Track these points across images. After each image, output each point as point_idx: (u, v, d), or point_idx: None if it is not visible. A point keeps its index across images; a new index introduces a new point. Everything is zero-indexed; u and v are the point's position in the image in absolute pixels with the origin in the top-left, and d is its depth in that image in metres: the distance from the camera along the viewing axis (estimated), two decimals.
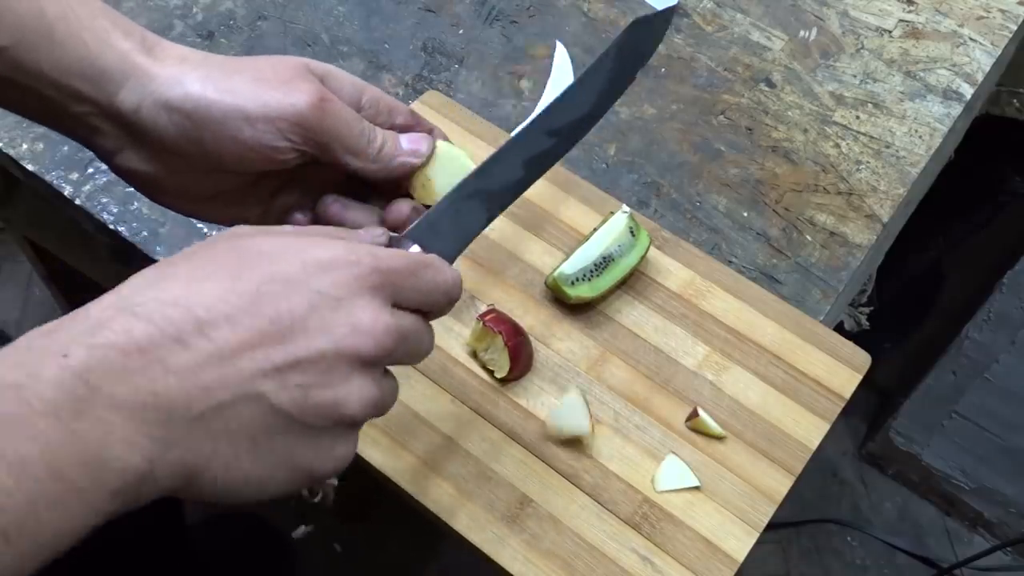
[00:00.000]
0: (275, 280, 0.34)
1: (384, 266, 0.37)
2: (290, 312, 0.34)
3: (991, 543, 1.50)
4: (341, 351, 0.34)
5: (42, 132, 0.75)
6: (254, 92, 0.42)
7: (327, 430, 0.35)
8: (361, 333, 0.35)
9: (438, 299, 0.40)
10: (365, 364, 0.35)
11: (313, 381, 0.34)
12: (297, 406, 0.34)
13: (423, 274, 0.39)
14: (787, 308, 0.66)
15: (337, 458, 0.36)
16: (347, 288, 0.35)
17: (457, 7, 0.87)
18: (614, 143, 0.78)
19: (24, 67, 0.41)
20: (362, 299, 0.35)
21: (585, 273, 0.63)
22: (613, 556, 0.55)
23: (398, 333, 0.36)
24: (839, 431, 1.68)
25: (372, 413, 0.36)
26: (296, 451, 0.35)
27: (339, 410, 0.35)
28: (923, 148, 0.80)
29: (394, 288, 0.37)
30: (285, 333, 0.34)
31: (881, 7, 0.89)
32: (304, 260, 0.35)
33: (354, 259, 0.36)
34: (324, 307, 0.35)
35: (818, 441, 0.60)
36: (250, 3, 0.85)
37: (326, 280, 0.35)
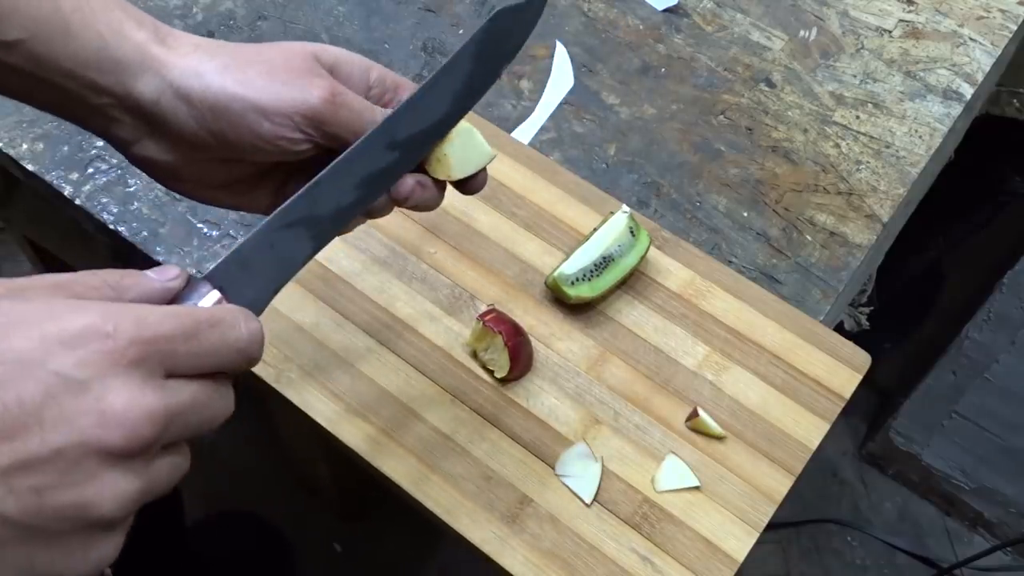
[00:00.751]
0: (4, 361, 0.29)
1: (148, 335, 0.31)
2: (18, 402, 0.28)
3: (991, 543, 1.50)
4: (85, 445, 0.29)
5: (42, 132, 0.75)
6: (269, 86, 0.42)
7: (76, 534, 0.30)
8: (111, 423, 0.29)
9: (228, 360, 0.34)
10: (118, 457, 0.30)
11: (50, 482, 0.29)
12: (30, 513, 0.28)
13: (207, 335, 0.33)
14: (787, 308, 0.66)
15: (93, 561, 0.31)
16: (95, 366, 0.30)
17: (457, 7, 0.87)
18: (614, 143, 0.78)
19: (41, 60, 0.41)
20: (116, 379, 0.30)
21: (585, 273, 0.63)
22: (613, 556, 0.55)
23: (164, 415, 0.31)
24: (839, 431, 1.68)
25: (133, 508, 0.31)
26: (37, 560, 0.29)
27: (86, 512, 0.29)
28: (923, 148, 0.80)
29: (163, 357, 0.31)
30: (13, 428, 0.28)
31: (881, 7, 0.89)
32: (44, 334, 0.29)
33: (109, 329, 0.30)
34: (64, 393, 0.29)
35: (818, 441, 0.60)
36: (250, 3, 0.85)
37: (69, 358, 0.29)
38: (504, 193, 0.70)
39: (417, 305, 0.64)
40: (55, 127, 0.75)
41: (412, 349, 0.63)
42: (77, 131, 0.75)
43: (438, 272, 0.66)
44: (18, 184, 0.77)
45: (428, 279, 0.66)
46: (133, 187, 0.72)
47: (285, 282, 0.40)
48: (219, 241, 0.69)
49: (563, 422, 0.60)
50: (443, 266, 0.66)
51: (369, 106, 0.45)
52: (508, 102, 0.80)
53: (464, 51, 0.45)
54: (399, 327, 0.63)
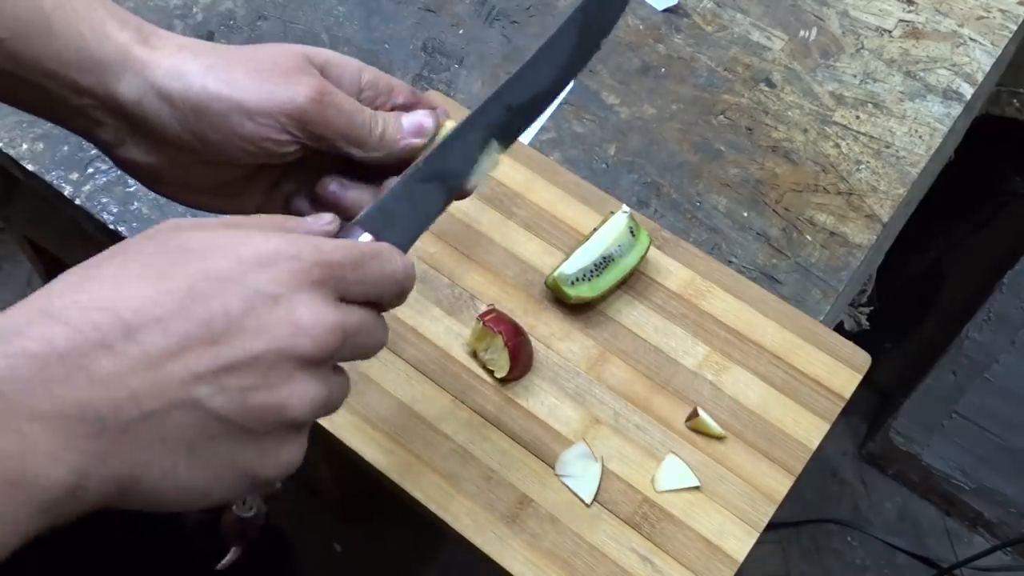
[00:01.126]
0: (208, 278, 0.32)
1: (327, 258, 0.35)
2: (224, 312, 0.32)
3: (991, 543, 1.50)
4: (281, 351, 0.32)
5: (42, 132, 0.75)
6: (254, 85, 0.42)
7: (271, 433, 0.33)
8: (302, 332, 0.33)
9: (388, 290, 0.38)
10: (308, 364, 0.33)
11: (252, 384, 0.32)
12: (236, 410, 0.32)
13: (370, 265, 0.37)
14: (787, 308, 0.66)
15: (283, 462, 0.34)
16: (286, 284, 0.33)
17: (457, 7, 0.87)
18: (614, 143, 0.78)
19: (22, 59, 0.40)
20: (303, 295, 0.33)
21: (585, 273, 0.63)
22: (613, 556, 0.55)
23: (343, 330, 0.34)
24: (839, 431, 1.68)
25: (319, 413, 0.35)
26: (238, 456, 0.33)
27: (282, 413, 0.33)
28: (923, 148, 0.80)
29: (338, 281, 0.35)
30: (219, 335, 0.32)
31: (881, 7, 0.89)
32: (240, 255, 0.33)
33: (294, 252, 0.34)
34: (261, 305, 0.32)
35: (818, 441, 0.60)
36: (250, 3, 0.85)
37: (263, 276, 0.33)
38: (504, 193, 0.70)
39: (417, 305, 0.64)
40: (55, 127, 0.75)
41: (412, 349, 0.63)
42: None
43: (438, 272, 0.66)
44: (18, 184, 0.77)
45: (428, 279, 0.66)
46: (133, 187, 0.72)
47: (422, 231, 0.43)
48: None
49: (563, 422, 0.60)
50: (443, 266, 0.66)
51: (359, 107, 0.44)
52: None
53: (567, 24, 0.48)
54: (399, 327, 0.63)
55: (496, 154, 0.47)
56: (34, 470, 0.28)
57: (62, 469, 0.29)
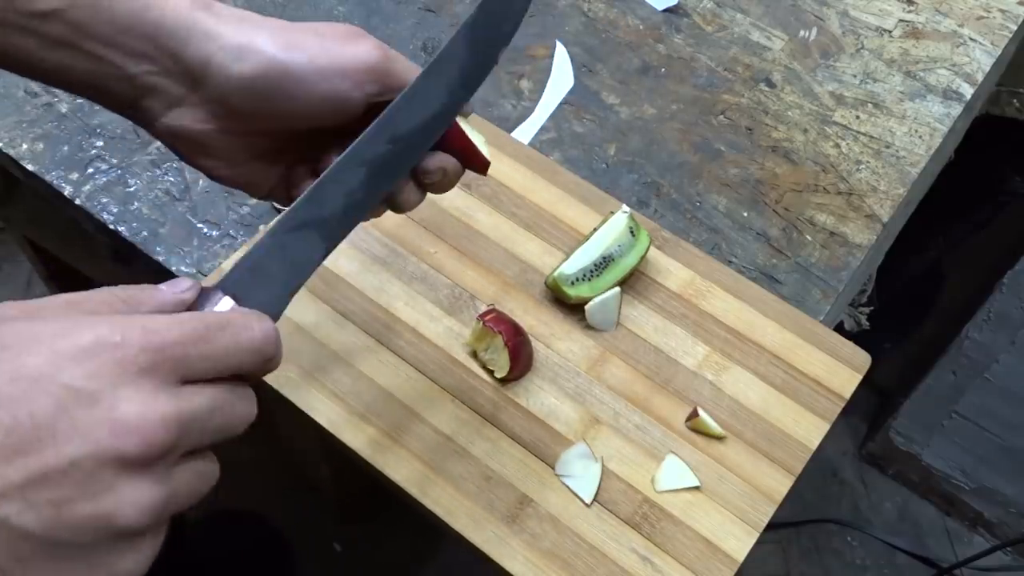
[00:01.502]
0: (15, 379, 0.29)
1: (157, 342, 0.31)
2: (31, 417, 0.29)
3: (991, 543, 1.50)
4: (101, 456, 0.29)
5: (42, 132, 0.75)
6: (323, 47, 0.43)
7: (100, 545, 0.30)
8: (125, 431, 0.29)
9: (244, 362, 0.34)
10: (137, 465, 0.30)
11: (68, 495, 0.29)
12: (51, 527, 0.28)
13: (218, 339, 0.33)
14: (787, 308, 0.66)
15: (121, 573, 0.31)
16: (107, 378, 0.30)
17: (457, 7, 0.87)
18: (614, 143, 0.78)
19: (80, 27, 0.40)
20: (128, 388, 0.30)
21: (585, 273, 0.63)
22: (613, 556, 0.55)
23: (179, 421, 0.31)
24: (839, 431, 1.68)
25: (160, 516, 0.31)
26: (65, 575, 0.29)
27: (109, 523, 0.29)
28: (923, 148, 0.80)
29: (177, 363, 0.32)
30: (27, 443, 0.28)
31: (881, 7, 0.89)
32: (54, 350, 0.30)
33: (117, 339, 0.31)
34: (76, 405, 0.29)
35: (818, 441, 0.60)
36: (250, 3, 0.85)
37: (79, 371, 0.30)
38: (504, 193, 0.70)
39: (417, 305, 0.64)
40: (55, 127, 0.75)
41: (412, 349, 0.63)
42: (77, 131, 0.75)
43: (438, 272, 0.66)
44: (18, 184, 0.77)
45: (428, 279, 0.66)
46: (133, 187, 0.72)
47: (300, 285, 0.40)
48: (219, 241, 0.69)
49: (563, 422, 0.60)
50: (443, 266, 0.66)
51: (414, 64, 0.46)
52: (508, 102, 0.80)
53: (456, 39, 0.45)
54: (399, 327, 0.63)
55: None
56: None
57: None
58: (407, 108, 0.44)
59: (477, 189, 0.70)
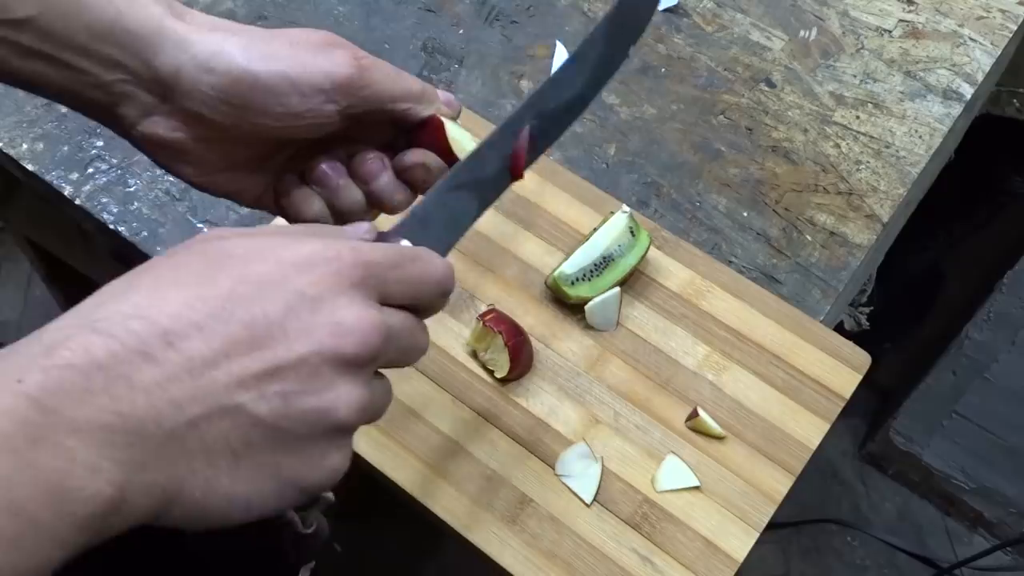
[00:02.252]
0: (247, 282, 0.32)
1: (366, 259, 0.34)
2: (265, 316, 0.32)
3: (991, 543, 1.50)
4: (324, 354, 0.32)
5: (42, 132, 0.75)
6: (296, 58, 0.42)
7: (315, 439, 0.33)
8: (344, 333, 0.32)
9: (429, 292, 0.37)
10: (352, 366, 0.33)
11: (295, 388, 0.32)
12: (279, 416, 0.31)
13: (410, 267, 0.36)
14: (787, 308, 0.66)
15: (329, 469, 0.33)
16: (327, 286, 0.33)
17: (457, 7, 0.87)
18: (614, 143, 0.78)
19: (53, 35, 0.40)
20: (344, 296, 0.33)
21: (585, 273, 0.63)
22: (613, 556, 0.55)
23: (386, 331, 0.34)
24: (839, 431, 1.68)
25: (363, 418, 0.34)
26: (283, 464, 0.32)
27: (326, 417, 0.32)
28: (923, 148, 0.80)
29: (379, 282, 0.35)
30: (261, 339, 0.31)
31: (881, 7, 0.89)
32: (279, 259, 0.33)
33: (333, 254, 0.34)
34: (302, 308, 0.32)
35: (818, 441, 0.60)
36: (250, 3, 0.85)
37: (303, 279, 0.33)
38: (504, 193, 0.70)
39: None
40: (55, 127, 0.75)
41: None
42: (77, 131, 0.75)
43: None
44: (18, 184, 0.77)
45: None
46: (133, 187, 0.72)
47: (458, 238, 0.44)
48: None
49: (563, 422, 0.60)
50: None
51: (393, 67, 0.45)
52: (508, 102, 0.80)
53: (597, 31, 0.48)
54: None
55: None
56: (74, 484, 0.27)
57: (102, 483, 0.28)
58: (552, 90, 0.48)
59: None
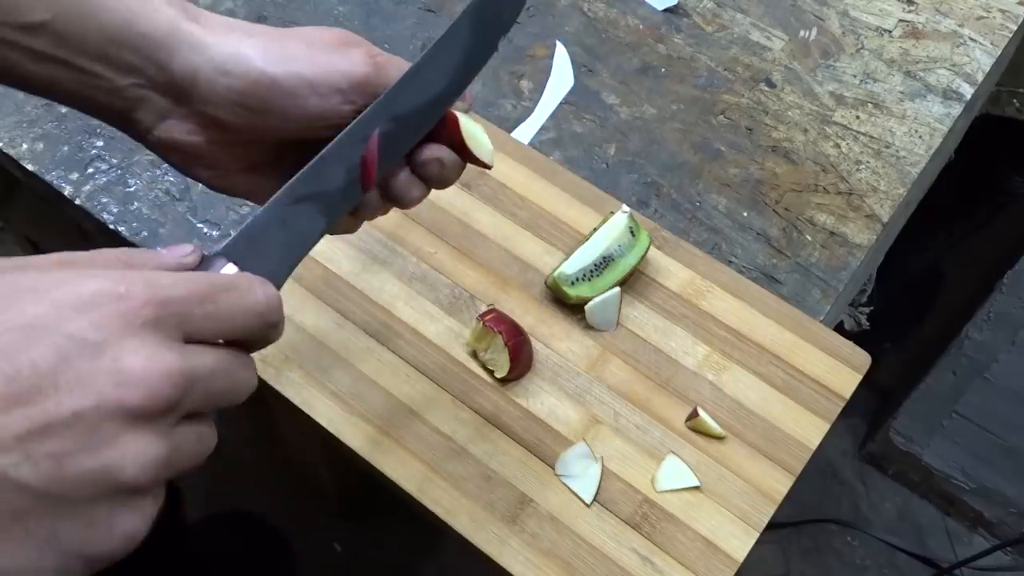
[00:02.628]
0: (14, 328, 0.28)
1: (163, 296, 0.30)
2: (32, 366, 0.28)
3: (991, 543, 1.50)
4: (104, 407, 0.28)
5: (42, 132, 0.75)
6: (312, 59, 0.42)
7: (100, 503, 0.29)
8: (129, 383, 0.29)
9: (247, 325, 0.34)
10: (140, 418, 0.29)
11: (69, 448, 0.28)
12: (51, 481, 0.28)
13: (222, 299, 0.33)
14: (787, 308, 0.66)
15: (120, 535, 0.30)
16: (111, 328, 0.29)
17: (457, 7, 0.87)
18: (614, 143, 0.78)
19: (67, 40, 0.39)
20: (133, 339, 0.29)
21: (585, 273, 0.63)
22: (613, 556, 0.55)
23: (185, 376, 0.30)
24: (839, 431, 1.68)
25: (161, 474, 0.30)
26: (61, 532, 0.28)
27: (110, 477, 0.29)
28: (923, 148, 0.80)
29: (181, 320, 0.31)
30: (26, 394, 0.28)
31: (881, 7, 0.89)
32: (56, 299, 0.29)
33: (122, 291, 0.30)
34: (78, 356, 0.28)
35: (818, 441, 0.60)
36: (250, 3, 0.85)
37: (82, 321, 0.29)
38: (504, 193, 0.70)
39: (417, 305, 0.64)
40: (55, 127, 0.75)
41: (412, 349, 0.63)
42: (77, 131, 0.75)
43: (438, 272, 0.66)
44: (18, 184, 0.77)
45: (428, 279, 0.66)
46: (133, 187, 0.72)
47: (300, 259, 0.40)
48: (219, 241, 0.69)
49: (563, 422, 0.60)
50: (443, 266, 0.66)
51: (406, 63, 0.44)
52: (508, 102, 0.80)
53: (458, 24, 0.45)
54: (399, 327, 0.63)
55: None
56: None
57: None
58: (408, 89, 0.44)
59: (477, 189, 0.70)
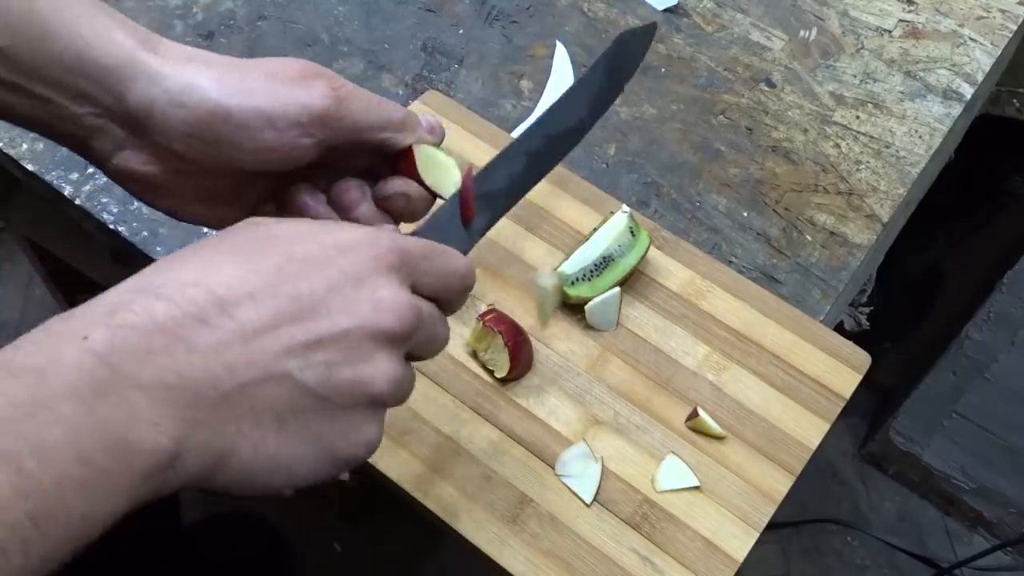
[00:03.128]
0: (294, 260, 0.35)
1: (403, 246, 0.37)
2: (311, 291, 0.34)
3: (991, 543, 1.50)
4: (364, 328, 0.35)
5: None
6: (271, 92, 0.42)
7: (354, 409, 0.35)
8: (383, 310, 0.35)
9: (453, 284, 0.40)
10: (388, 341, 0.36)
11: (338, 359, 0.34)
12: (323, 384, 0.34)
13: (439, 260, 0.39)
14: (787, 308, 0.66)
15: (364, 440, 0.36)
16: (367, 267, 0.36)
17: (457, 7, 0.87)
18: (614, 143, 0.78)
19: (22, 65, 0.40)
20: (382, 278, 0.36)
21: (585, 273, 0.63)
22: (613, 556, 0.55)
23: (418, 312, 0.37)
24: (839, 431, 1.68)
25: (396, 393, 0.37)
26: (324, 431, 0.35)
27: (365, 388, 0.35)
28: (923, 148, 0.80)
29: (412, 270, 0.38)
30: (307, 312, 0.34)
31: (881, 7, 0.89)
32: (323, 242, 0.36)
33: (372, 239, 0.37)
34: (345, 286, 0.35)
35: (818, 441, 0.60)
36: (250, 3, 0.85)
37: (346, 260, 0.35)
38: None
39: None
40: None
41: None
42: None
43: None
44: (18, 184, 0.77)
45: None
46: None
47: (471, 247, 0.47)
48: None
49: (563, 422, 0.60)
50: None
51: (374, 95, 0.44)
52: (508, 102, 0.80)
53: (595, 68, 0.53)
54: None
55: None
56: (137, 436, 0.29)
57: (163, 437, 0.30)
58: (556, 115, 0.51)
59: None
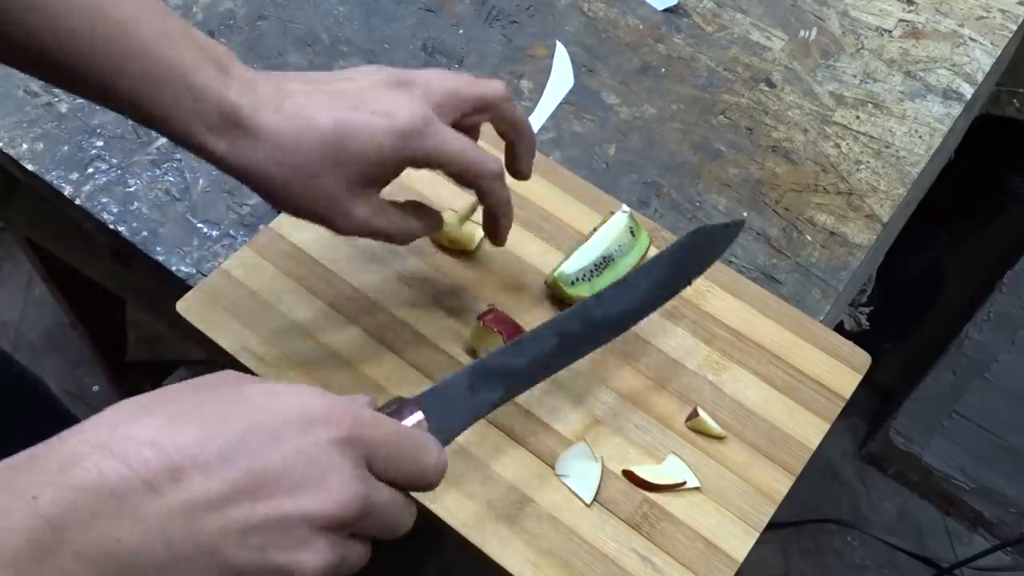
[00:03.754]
0: (254, 431, 0.34)
1: (365, 434, 0.37)
2: (264, 468, 0.34)
3: (991, 543, 1.50)
4: (306, 515, 0.34)
5: (42, 132, 0.75)
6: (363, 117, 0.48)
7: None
8: (328, 499, 0.35)
9: (413, 477, 0.39)
10: (327, 529, 0.35)
11: (272, 543, 0.34)
12: (251, 566, 0.34)
13: (405, 450, 0.39)
14: (787, 308, 0.66)
15: None
16: (324, 450, 0.35)
17: (457, 7, 0.87)
18: (614, 143, 0.78)
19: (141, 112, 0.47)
20: (336, 460, 0.35)
21: (585, 273, 0.63)
22: (613, 556, 0.55)
23: (367, 504, 0.36)
24: (839, 431, 1.68)
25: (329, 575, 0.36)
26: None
27: (291, 573, 0.34)
28: (923, 148, 0.80)
29: (369, 456, 0.37)
30: (256, 489, 0.34)
31: (881, 7, 0.89)
32: (287, 415, 0.35)
33: (336, 419, 0.36)
34: (298, 464, 0.34)
35: (818, 441, 0.60)
36: (250, 3, 0.85)
37: (304, 440, 0.35)
38: None
39: (417, 305, 0.64)
40: (55, 127, 0.75)
41: (411, 349, 0.63)
42: (77, 131, 0.75)
43: (438, 272, 0.66)
44: (18, 184, 0.77)
45: (428, 279, 0.66)
46: (133, 187, 0.72)
47: (471, 423, 0.46)
48: (219, 241, 0.69)
49: (563, 422, 0.60)
50: (443, 266, 0.66)
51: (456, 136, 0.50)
52: None
53: (662, 256, 0.52)
54: (398, 327, 0.63)
55: None
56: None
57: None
58: (604, 301, 0.50)
59: None
